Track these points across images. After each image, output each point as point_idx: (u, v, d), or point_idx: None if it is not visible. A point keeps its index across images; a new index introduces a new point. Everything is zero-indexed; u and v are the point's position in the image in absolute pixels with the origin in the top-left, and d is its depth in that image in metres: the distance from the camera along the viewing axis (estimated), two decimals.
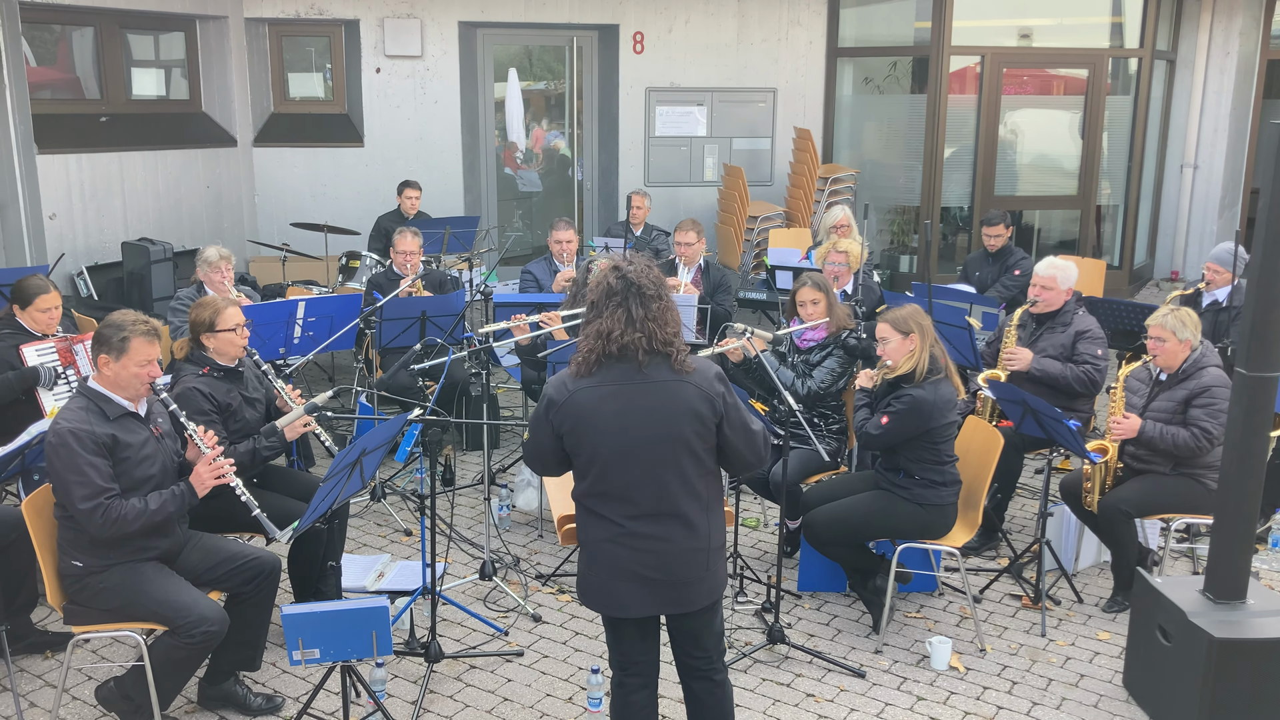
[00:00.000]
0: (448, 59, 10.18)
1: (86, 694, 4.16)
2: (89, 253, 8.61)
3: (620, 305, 3.14)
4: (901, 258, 10.96)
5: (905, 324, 4.54)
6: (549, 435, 3.23)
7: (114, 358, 3.73)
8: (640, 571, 3.19)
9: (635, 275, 3.17)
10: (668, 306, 3.19)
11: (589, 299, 3.22)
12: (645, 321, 3.14)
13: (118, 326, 3.74)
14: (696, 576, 3.24)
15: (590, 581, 3.29)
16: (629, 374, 3.16)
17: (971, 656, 4.59)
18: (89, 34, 8.99)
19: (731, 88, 10.67)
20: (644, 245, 8.15)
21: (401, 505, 6.03)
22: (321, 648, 3.59)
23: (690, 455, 3.18)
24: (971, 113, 10.44)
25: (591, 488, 3.22)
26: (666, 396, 3.15)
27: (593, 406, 3.16)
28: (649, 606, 3.24)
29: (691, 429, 3.16)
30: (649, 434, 3.14)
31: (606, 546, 3.21)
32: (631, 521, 3.18)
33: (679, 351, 3.19)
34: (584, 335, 3.21)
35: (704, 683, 3.41)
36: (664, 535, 3.19)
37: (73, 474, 3.59)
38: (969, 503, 4.71)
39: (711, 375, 3.22)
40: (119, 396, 3.78)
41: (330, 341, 5.98)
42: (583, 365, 3.19)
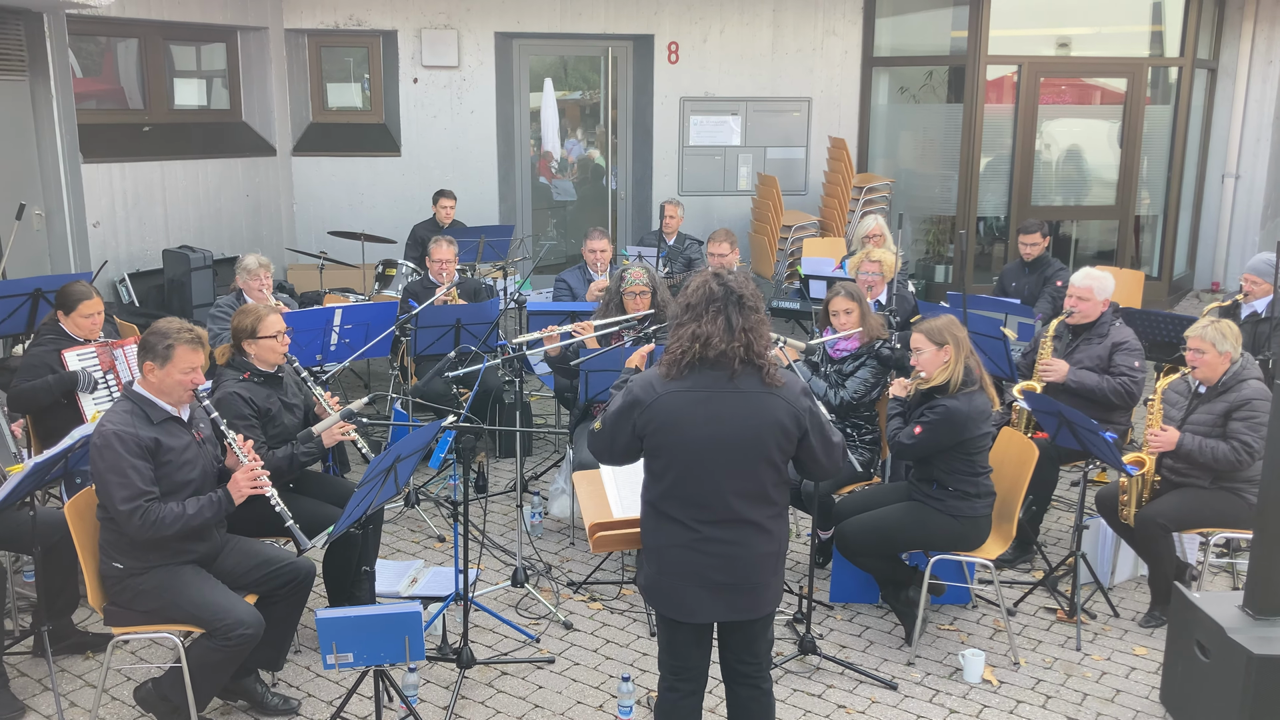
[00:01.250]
0: (484, 69, 10.27)
1: (125, 694, 4.23)
2: (131, 260, 8.75)
3: (720, 312, 3.16)
4: (937, 267, 10.90)
5: (940, 334, 4.51)
6: (629, 434, 3.24)
7: (159, 365, 3.79)
8: (712, 577, 3.22)
9: (736, 285, 3.20)
10: (763, 320, 3.23)
11: (684, 300, 3.23)
12: (744, 331, 3.16)
13: (163, 334, 3.81)
14: (766, 581, 3.28)
15: (660, 586, 3.29)
16: (720, 381, 3.17)
17: (1005, 670, 4.55)
18: (133, 45, 9.16)
19: (766, 97, 10.67)
20: (677, 255, 8.16)
21: (435, 511, 6.07)
22: (355, 652, 3.62)
23: (769, 465, 3.21)
24: (1008, 122, 10.37)
25: (669, 491, 3.22)
26: (755, 408, 3.17)
27: (680, 411, 3.17)
28: (719, 612, 3.27)
29: (775, 441, 3.19)
30: (733, 443, 3.16)
31: (679, 552, 3.23)
32: (706, 526, 3.20)
33: (771, 365, 3.21)
34: (676, 336, 3.22)
35: (751, 690, 3.43)
36: (737, 540, 3.21)
37: (115, 475, 3.66)
38: (1003, 515, 4.67)
39: (798, 390, 3.25)
40: (163, 401, 3.85)
41: (366, 349, 6.03)
42: (673, 367, 3.20)
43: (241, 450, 3.98)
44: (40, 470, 4.01)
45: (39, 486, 4.23)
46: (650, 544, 3.32)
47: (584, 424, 5.55)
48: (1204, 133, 11.07)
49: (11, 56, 7.78)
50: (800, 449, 3.26)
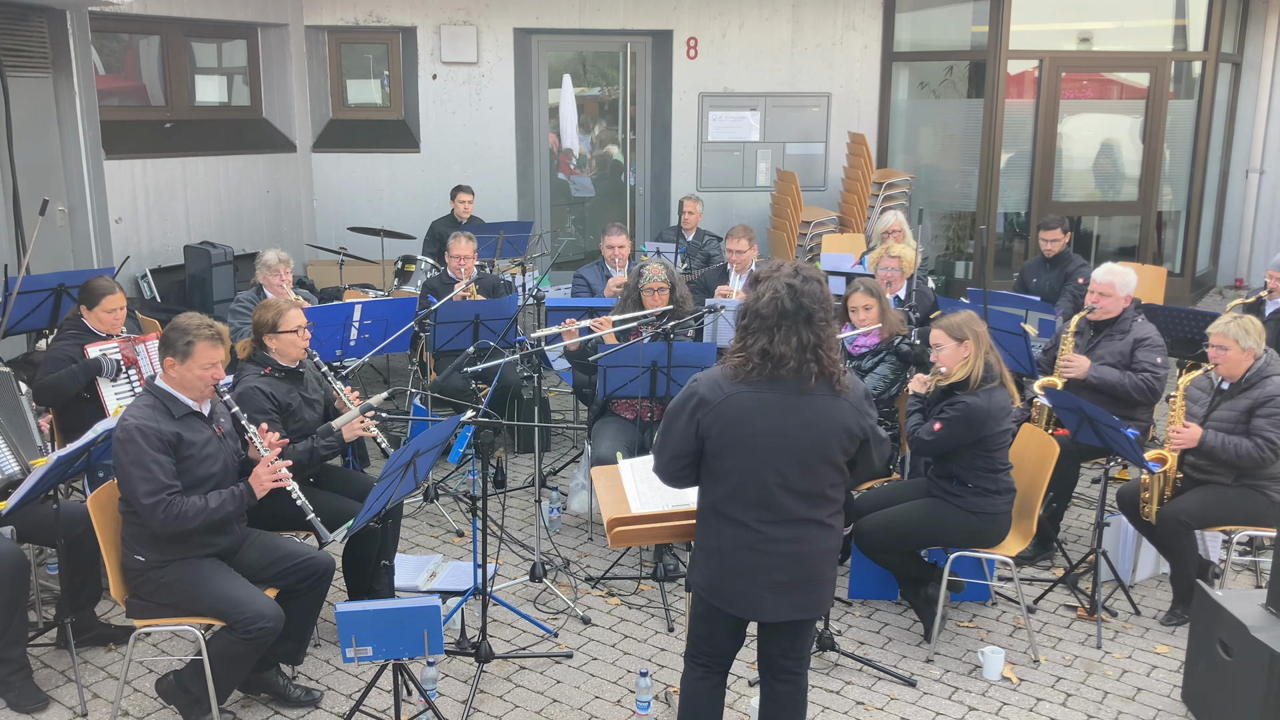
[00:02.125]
0: (503, 65, 10.28)
1: (147, 686, 4.26)
2: (152, 256, 8.81)
3: (792, 330, 3.12)
4: (957, 263, 10.85)
5: (960, 330, 4.49)
6: (689, 435, 3.20)
7: (179, 360, 3.82)
8: (776, 577, 3.23)
9: (809, 300, 3.13)
10: (834, 331, 3.21)
11: (754, 307, 3.17)
12: (815, 348, 3.14)
13: (183, 330, 3.83)
14: (826, 577, 3.30)
15: (723, 587, 3.29)
16: (791, 387, 3.15)
17: (1025, 667, 4.52)
18: (155, 42, 9.22)
19: (785, 92, 10.64)
20: (696, 250, 8.15)
21: (454, 506, 6.09)
22: (374, 646, 3.63)
23: (832, 467, 3.21)
24: (1029, 117, 10.30)
25: (732, 493, 3.21)
26: (824, 413, 3.17)
27: (748, 413, 3.15)
28: (782, 611, 3.29)
29: (839, 445, 3.20)
30: (803, 446, 3.16)
31: (742, 554, 3.23)
32: (768, 527, 3.20)
33: (842, 374, 3.20)
34: (744, 346, 3.17)
35: (789, 685, 3.45)
36: (799, 538, 3.22)
37: (138, 469, 3.68)
38: (1023, 511, 4.65)
39: (862, 394, 3.26)
40: (184, 396, 3.87)
41: (386, 344, 6.05)
42: (740, 372, 3.17)
43: (263, 444, 4.00)
44: (63, 464, 4.05)
45: (62, 480, 4.27)
46: (710, 545, 3.31)
47: (602, 419, 5.55)
48: (1228, 127, 10.97)
49: (35, 54, 7.83)
50: (860, 450, 3.27)
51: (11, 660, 4.09)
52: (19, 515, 4.17)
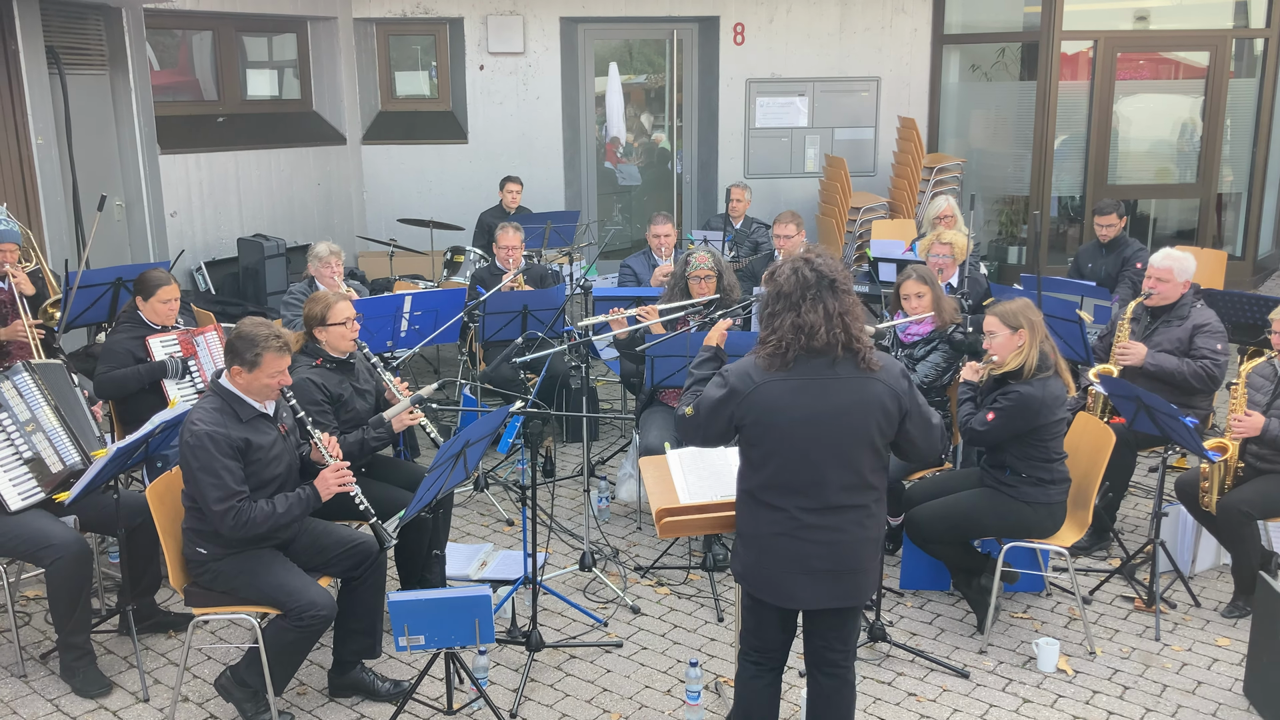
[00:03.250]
0: (549, 55, 10.29)
1: (206, 672, 4.34)
2: (206, 248, 8.95)
3: (817, 299, 3.10)
4: (1010, 249, 10.70)
5: (1014, 318, 4.42)
6: (724, 424, 3.21)
7: (246, 370, 3.87)
8: (816, 565, 3.20)
9: (827, 268, 3.13)
10: (856, 301, 3.18)
11: (776, 288, 3.17)
12: (840, 315, 3.11)
13: (251, 341, 3.85)
14: (866, 566, 3.26)
15: (762, 573, 3.28)
16: (820, 369, 3.13)
17: (1080, 659, 4.46)
18: (207, 38, 9.35)
19: (834, 77, 10.54)
20: (743, 238, 8.11)
21: (504, 495, 6.12)
22: (426, 634, 3.68)
23: (871, 450, 3.17)
24: (1083, 99, 10.11)
25: (770, 480, 3.20)
26: (857, 393, 3.13)
27: (781, 402, 3.13)
28: (821, 599, 3.26)
29: (876, 425, 3.15)
30: (837, 430, 3.13)
31: (781, 540, 3.21)
32: (807, 514, 3.18)
33: (868, 349, 3.16)
34: (772, 328, 3.16)
35: (835, 680, 3.41)
36: (838, 526, 3.19)
37: (208, 475, 3.74)
38: (1079, 501, 4.57)
39: (897, 372, 3.20)
40: (250, 399, 3.93)
41: (436, 335, 6.10)
42: (775, 359, 3.14)
43: (327, 450, 4.05)
44: (123, 455, 4.13)
45: (122, 470, 4.36)
46: (749, 531, 3.30)
47: (650, 409, 5.55)
48: None
49: (92, 51, 7.99)
50: (900, 432, 3.22)
51: (76, 646, 4.19)
52: (81, 505, 4.27)
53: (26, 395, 4.35)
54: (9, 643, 4.45)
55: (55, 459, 4.34)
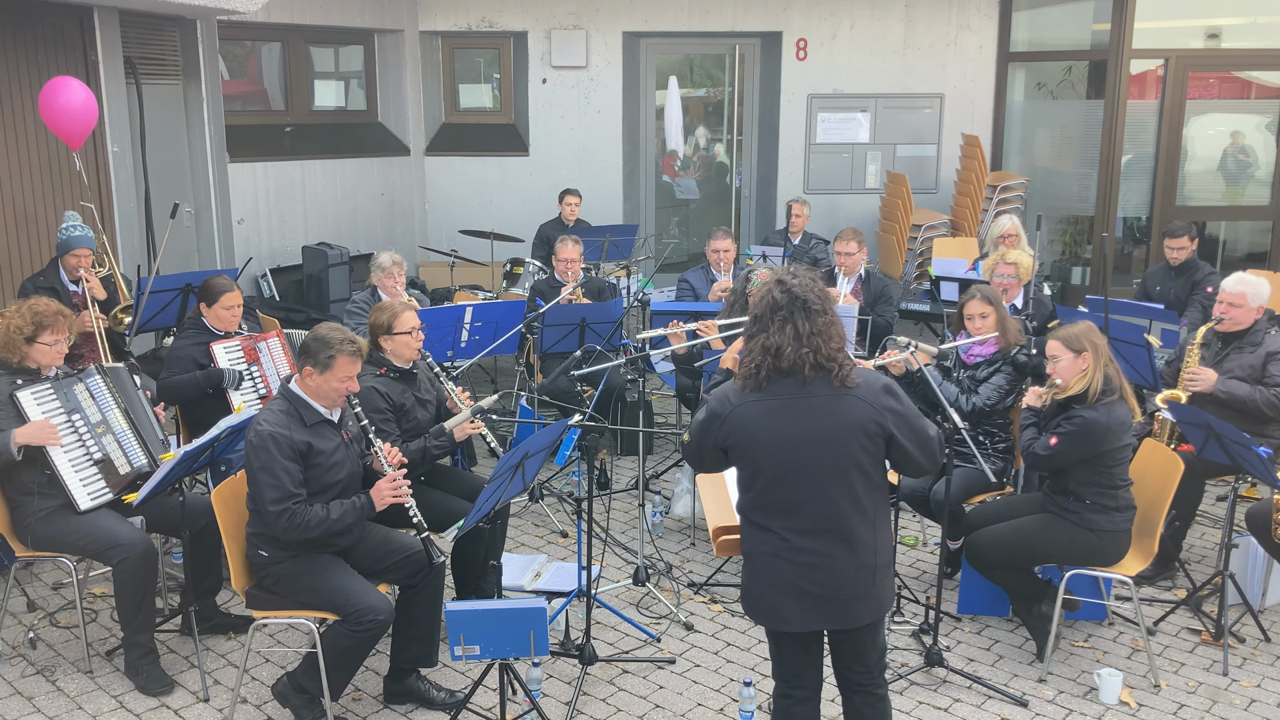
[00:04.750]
0: (611, 69, 10.34)
1: (265, 675, 4.40)
2: (272, 256, 9.11)
3: (786, 320, 3.11)
4: (1073, 269, 10.52)
5: (1078, 342, 4.35)
6: (711, 447, 3.25)
7: (318, 371, 3.93)
8: (804, 586, 3.17)
9: (800, 289, 3.14)
10: (832, 321, 3.15)
11: (751, 312, 3.21)
12: (811, 336, 3.10)
13: (325, 343, 3.92)
14: (861, 593, 3.20)
15: (753, 593, 3.28)
16: (794, 389, 3.13)
17: (1144, 692, 4.36)
18: (276, 49, 9.53)
19: (897, 93, 10.47)
20: (802, 254, 8.08)
21: (558, 507, 6.14)
22: (482, 645, 3.69)
23: (858, 470, 3.13)
24: (1152, 118, 9.93)
25: (756, 501, 3.21)
26: (832, 412, 3.11)
27: (756, 422, 3.15)
28: (811, 621, 3.23)
29: (858, 444, 3.12)
30: (815, 450, 3.11)
31: (770, 560, 3.20)
32: (796, 536, 3.16)
33: (841, 367, 3.14)
34: (748, 350, 3.20)
35: (865, 696, 3.37)
36: (828, 551, 3.15)
37: (267, 475, 3.80)
38: (1144, 530, 4.47)
39: (878, 388, 3.16)
40: (317, 404, 3.99)
41: (495, 346, 6.15)
42: (749, 380, 3.17)
43: (387, 460, 4.10)
44: (189, 458, 4.21)
45: (188, 473, 4.44)
46: (745, 551, 3.31)
47: None
48: None
49: (167, 62, 8.18)
50: (891, 450, 3.17)
51: (141, 644, 4.28)
52: (148, 506, 4.37)
53: (98, 397, 4.46)
54: (76, 639, 4.56)
55: (124, 461, 4.44)
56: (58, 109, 5.96)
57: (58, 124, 6.01)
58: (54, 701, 4.21)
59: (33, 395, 4.25)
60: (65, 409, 4.33)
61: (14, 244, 7.21)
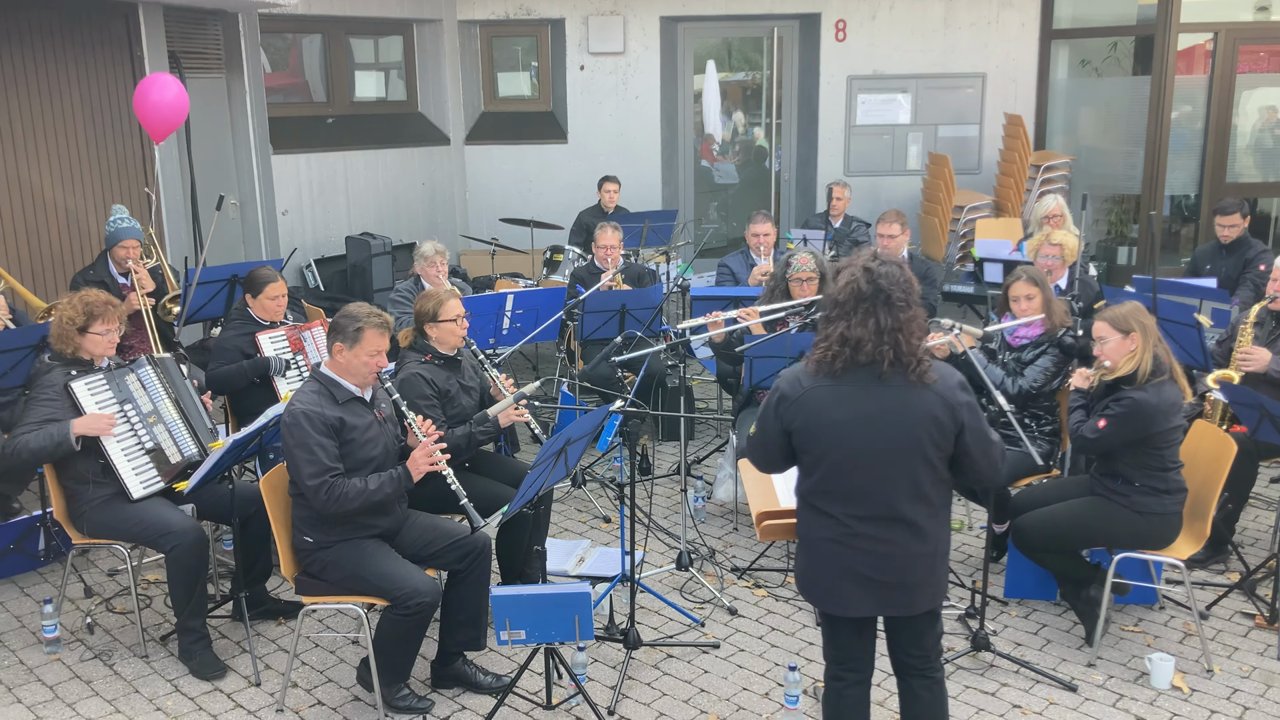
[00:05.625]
0: (649, 54, 10.31)
1: (314, 660, 4.47)
2: (316, 246, 9.21)
3: (870, 313, 3.07)
4: (1119, 249, 10.36)
5: (1125, 322, 4.28)
6: (777, 430, 3.21)
7: (347, 346, 3.98)
8: (863, 572, 3.16)
9: (886, 282, 3.07)
10: (914, 316, 3.11)
11: (833, 295, 3.15)
12: (892, 332, 3.06)
13: (353, 317, 3.99)
14: (921, 580, 3.19)
15: (811, 577, 3.27)
16: (869, 378, 3.10)
17: (1197, 677, 4.30)
18: (317, 41, 9.61)
19: (938, 74, 10.35)
20: (843, 237, 8.02)
21: (600, 492, 6.16)
22: (527, 629, 3.72)
23: (924, 462, 3.11)
24: (1201, 94, 9.74)
25: (818, 486, 3.18)
26: (907, 403, 3.09)
27: (827, 406, 3.12)
28: (870, 607, 3.22)
29: (929, 437, 3.09)
30: (884, 439, 3.09)
31: (829, 545, 3.19)
32: (858, 523, 3.14)
33: (920, 363, 3.10)
34: (824, 334, 3.14)
35: (921, 680, 3.36)
36: (890, 538, 3.14)
37: (303, 452, 3.86)
38: (1196, 512, 4.41)
39: (954, 383, 3.14)
40: (348, 382, 4.03)
41: (536, 333, 6.17)
42: (822, 365, 3.14)
43: (420, 429, 4.14)
44: (238, 447, 4.28)
45: (237, 462, 4.51)
46: (802, 535, 3.29)
47: (748, 410, 5.53)
48: None
49: (210, 55, 8.28)
50: (957, 445, 3.14)
51: (193, 630, 4.36)
52: (198, 494, 4.44)
53: (149, 388, 4.53)
54: (132, 624, 4.65)
55: (174, 450, 4.51)
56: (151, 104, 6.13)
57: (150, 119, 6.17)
58: (111, 685, 4.30)
59: (86, 386, 4.34)
60: (118, 399, 4.40)
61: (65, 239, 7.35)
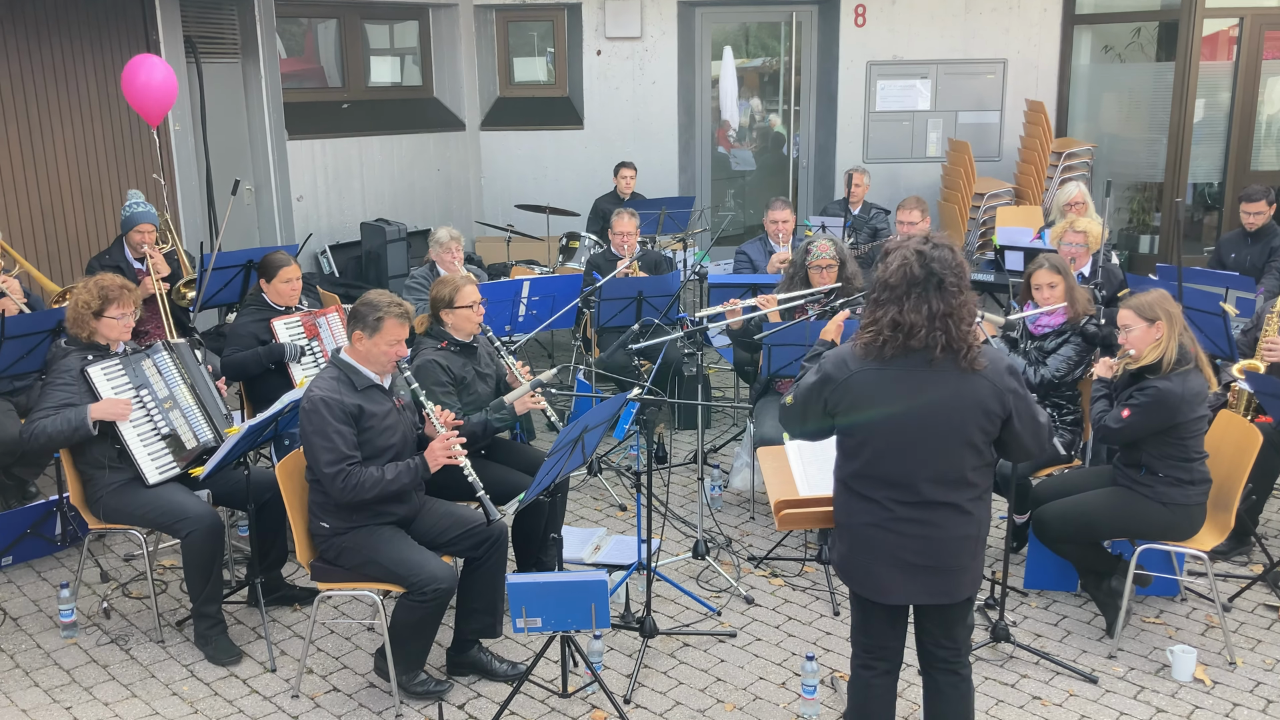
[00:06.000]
0: (666, 39, 10.24)
1: (330, 646, 4.46)
2: (331, 232, 9.19)
3: (921, 297, 3.00)
4: (1141, 238, 10.25)
5: (1151, 310, 4.22)
6: (818, 411, 3.16)
7: (367, 335, 3.96)
8: (906, 558, 3.12)
9: (940, 266, 3.01)
10: (965, 301, 3.06)
11: (883, 278, 3.08)
12: (945, 317, 3.01)
13: (374, 306, 3.97)
14: (964, 565, 3.16)
15: (853, 564, 3.23)
16: (918, 363, 3.04)
17: (1219, 669, 4.25)
18: (332, 26, 9.57)
19: (958, 59, 10.24)
20: (862, 224, 7.95)
21: (616, 480, 6.14)
22: (544, 617, 3.70)
23: (970, 448, 3.07)
24: (1226, 80, 9.61)
25: (862, 470, 3.14)
26: (956, 390, 3.04)
27: (874, 390, 3.07)
28: (913, 594, 3.18)
29: (976, 424, 3.05)
30: (932, 425, 3.04)
31: (872, 531, 3.14)
32: (901, 507, 3.10)
33: (970, 349, 3.05)
34: (873, 317, 3.08)
35: (949, 676, 3.32)
36: (933, 521, 3.10)
37: (321, 439, 3.84)
38: (1220, 503, 4.35)
39: (1003, 369, 3.09)
40: (367, 369, 4.01)
41: (552, 320, 6.14)
42: (871, 349, 3.08)
43: (438, 420, 4.11)
44: (253, 433, 4.26)
45: (252, 448, 4.50)
46: (843, 521, 3.25)
47: (765, 398, 5.48)
48: None
49: (226, 40, 8.26)
50: (1004, 430, 3.10)
51: (209, 615, 4.35)
52: (213, 480, 4.44)
53: (165, 373, 4.52)
54: (148, 609, 4.65)
55: (190, 436, 4.50)
56: (139, 86, 6.06)
57: (139, 101, 6.10)
58: (128, 670, 4.30)
59: (103, 371, 4.33)
60: (134, 384, 4.39)
61: (81, 221, 7.35)
